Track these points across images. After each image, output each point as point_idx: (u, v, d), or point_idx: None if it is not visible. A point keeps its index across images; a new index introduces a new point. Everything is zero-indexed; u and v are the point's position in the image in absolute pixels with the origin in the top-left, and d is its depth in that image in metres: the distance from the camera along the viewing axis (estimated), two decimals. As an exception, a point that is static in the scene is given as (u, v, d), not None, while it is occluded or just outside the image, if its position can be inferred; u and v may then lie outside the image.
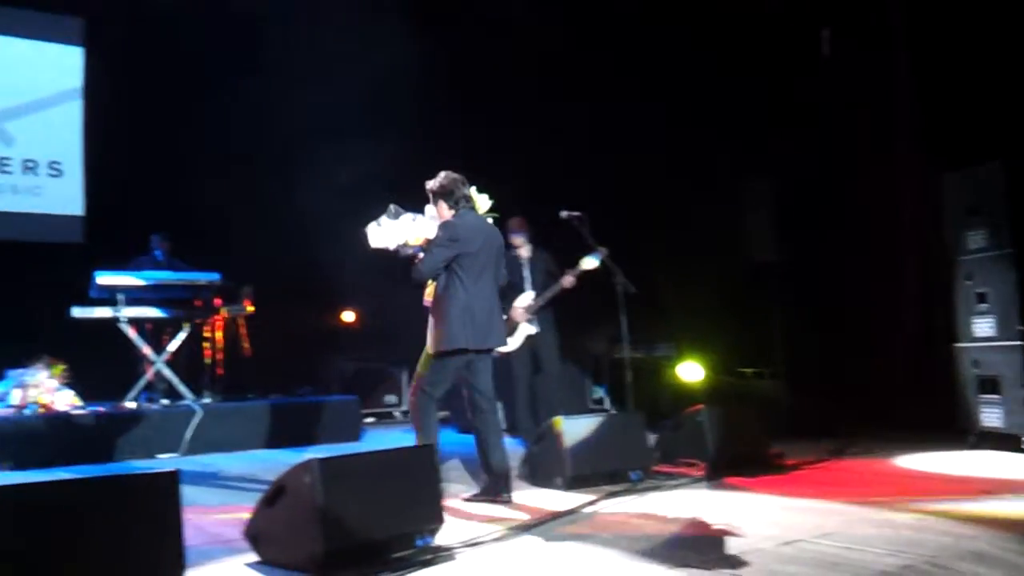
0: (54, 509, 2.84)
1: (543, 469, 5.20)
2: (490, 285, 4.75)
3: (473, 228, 4.73)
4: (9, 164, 9.12)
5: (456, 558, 3.57)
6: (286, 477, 3.51)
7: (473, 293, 4.64)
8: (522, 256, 6.74)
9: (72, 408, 7.11)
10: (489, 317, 4.69)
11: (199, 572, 3.25)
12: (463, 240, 4.64)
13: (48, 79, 9.33)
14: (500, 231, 5.13)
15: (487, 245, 4.76)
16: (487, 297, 4.71)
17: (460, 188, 4.79)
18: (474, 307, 4.63)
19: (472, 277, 4.65)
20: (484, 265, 4.72)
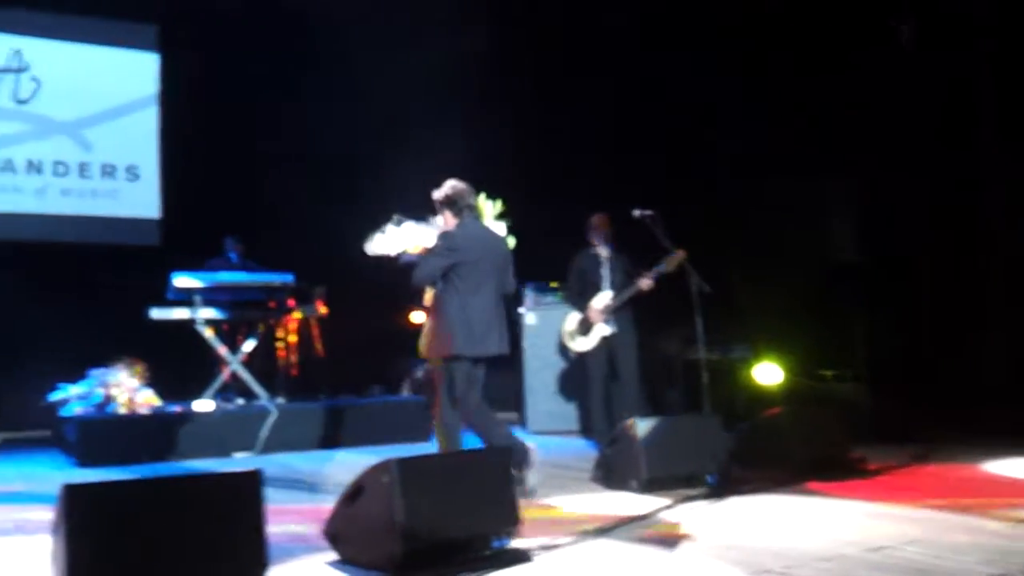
0: (147, 506, 2.89)
1: (618, 472, 5.13)
2: (490, 294, 4.79)
3: (473, 237, 4.81)
4: (89, 169, 9.39)
5: (533, 560, 3.53)
6: (365, 477, 3.52)
7: (470, 302, 4.70)
8: (601, 255, 6.65)
9: (151, 407, 7.28)
10: (487, 325, 4.74)
11: (280, 569, 3.26)
12: (460, 249, 4.72)
13: (125, 85, 9.57)
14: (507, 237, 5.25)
15: (488, 254, 4.82)
16: (486, 306, 4.75)
17: (464, 198, 4.87)
18: (471, 315, 4.69)
19: (470, 286, 4.72)
20: (484, 274, 4.77)
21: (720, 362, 7.55)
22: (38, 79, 9.19)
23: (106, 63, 9.51)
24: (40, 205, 9.06)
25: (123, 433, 6.85)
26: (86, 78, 9.38)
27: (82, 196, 9.31)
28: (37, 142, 9.15)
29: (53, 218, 9.06)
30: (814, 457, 5.37)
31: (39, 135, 9.17)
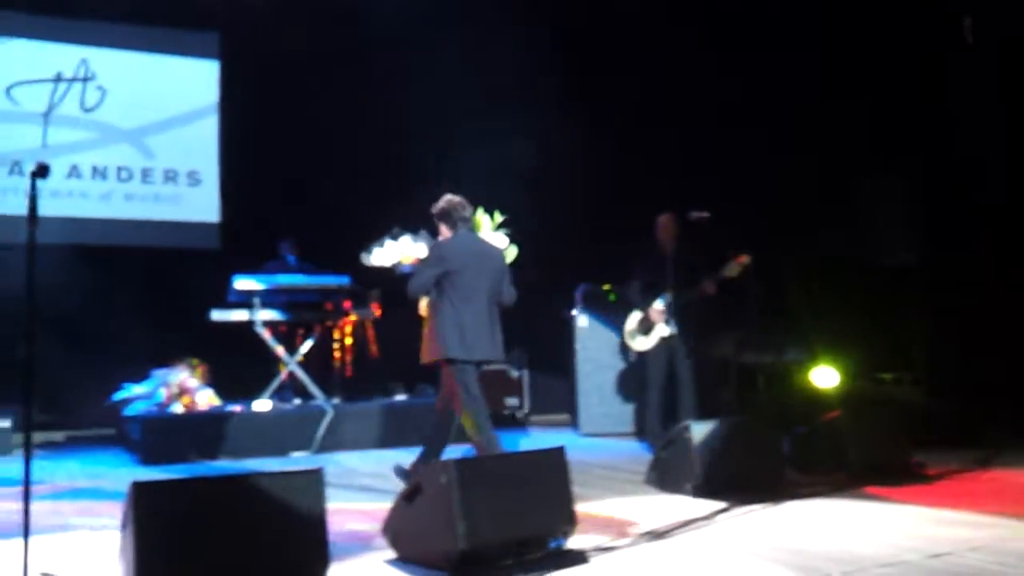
0: (212, 504, 2.97)
1: (672, 475, 5.11)
2: (482, 302, 4.99)
3: (464, 248, 5.05)
4: (151, 174, 9.63)
5: (590, 561, 3.55)
6: (423, 477, 3.57)
7: (462, 309, 4.93)
8: (666, 256, 6.58)
9: (211, 407, 7.44)
10: (479, 332, 4.96)
11: (341, 567, 3.32)
12: (450, 259, 4.96)
13: (186, 94, 9.79)
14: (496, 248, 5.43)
15: (480, 264, 5.03)
16: (478, 313, 4.97)
17: (459, 211, 5.14)
18: (464, 322, 4.93)
19: (461, 294, 4.94)
20: (476, 283, 4.98)
21: (775, 365, 7.48)
22: (103, 88, 9.45)
23: (168, 71, 9.74)
24: (105, 210, 9.32)
25: (184, 432, 7.02)
26: (149, 86, 9.61)
27: (145, 201, 9.55)
28: (102, 149, 9.41)
29: (117, 222, 9.30)
30: (872, 461, 5.30)
31: (104, 142, 9.43)
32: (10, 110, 9.08)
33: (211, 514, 2.97)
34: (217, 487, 3.09)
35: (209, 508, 2.98)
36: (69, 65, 9.35)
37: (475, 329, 4.96)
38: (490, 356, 5.13)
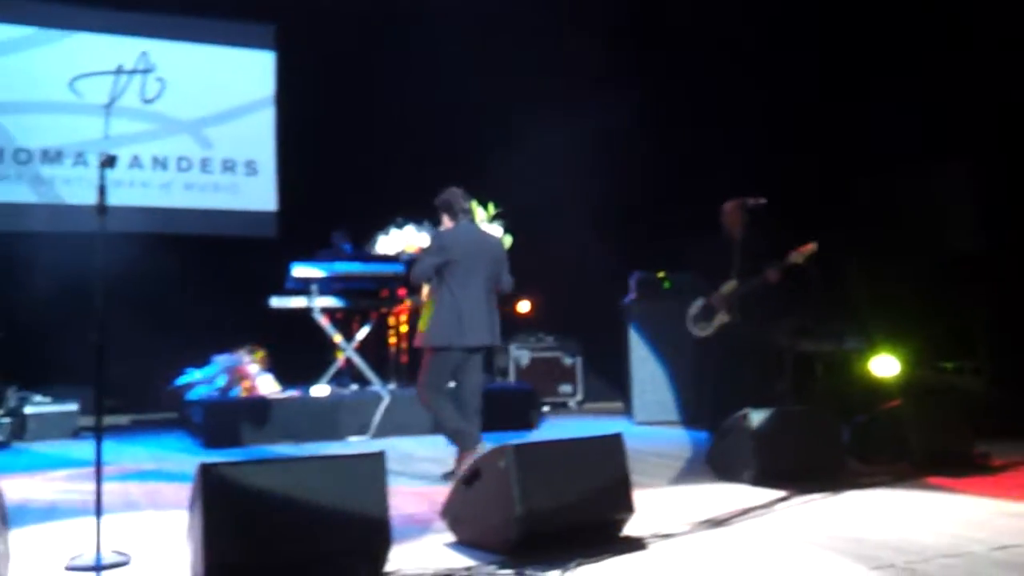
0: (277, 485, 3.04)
1: (729, 464, 5.07)
2: (479, 289, 5.16)
3: (463, 238, 5.25)
4: (210, 164, 9.82)
5: (648, 548, 3.55)
6: (482, 461, 3.60)
7: (460, 296, 5.10)
8: (731, 242, 6.48)
9: (271, 392, 7.58)
10: (475, 318, 5.12)
11: (401, 549, 3.37)
12: (449, 248, 5.15)
13: (243, 85, 9.98)
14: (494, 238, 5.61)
15: (479, 253, 5.21)
16: (475, 299, 5.13)
17: (459, 202, 5.35)
18: (461, 308, 5.09)
19: (459, 281, 5.11)
20: (474, 271, 5.16)
21: (834, 354, 7.37)
22: (163, 79, 9.66)
23: (225, 63, 9.93)
24: (165, 199, 9.54)
25: (245, 416, 7.16)
26: (207, 78, 9.81)
27: (204, 190, 9.76)
28: (162, 140, 9.63)
29: (178, 211, 9.52)
30: (934, 451, 5.21)
31: (164, 133, 9.64)
32: (74, 102, 9.33)
33: (277, 495, 3.04)
34: (283, 469, 3.15)
35: (275, 490, 3.05)
36: (130, 57, 9.57)
37: (472, 315, 5.13)
38: (485, 342, 5.26)
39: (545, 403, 9.18)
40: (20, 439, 7.45)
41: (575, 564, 3.21)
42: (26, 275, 8.24)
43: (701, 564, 3.32)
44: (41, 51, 9.25)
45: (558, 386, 9.69)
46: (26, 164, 9.13)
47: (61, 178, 9.21)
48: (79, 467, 6.12)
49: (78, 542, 3.68)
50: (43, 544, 3.77)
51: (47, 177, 9.16)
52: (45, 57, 9.25)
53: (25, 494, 4.99)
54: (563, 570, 3.14)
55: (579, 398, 9.75)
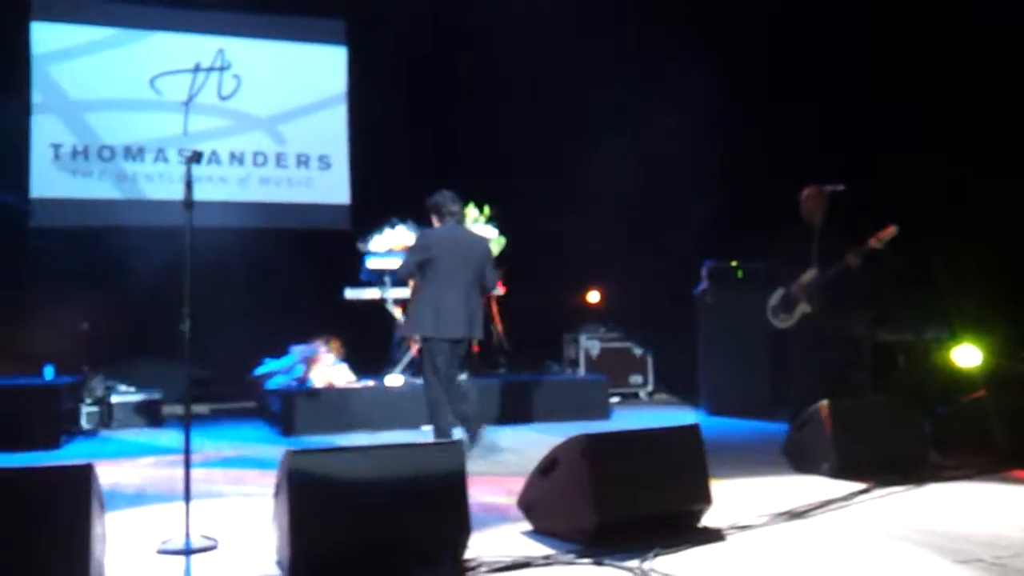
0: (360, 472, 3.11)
1: (807, 455, 5.00)
2: (459, 285, 5.51)
3: (446, 238, 5.61)
4: (285, 159, 10.02)
5: (727, 539, 3.53)
6: (558, 451, 3.62)
7: (439, 291, 5.47)
8: (811, 230, 6.34)
9: (346, 381, 7.72)
10: (454, 312, 5.47)
11: (479, 536, 3.40)
12: (430, 247, 5.54)
13: (316, 81, 10.14)
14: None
15: (459, 252, 5.56)
16: (455, 296, 5.49)
17: (447, 204, 5.69)
18: (440, 302, 5.46)
19: (440, 278, 5.47)
20: (455, 269, 5.51)
21: (915, 343, 7.17)
22: (239, 76, 9.87)
23: (298, 58, 10.09)
24: (242, 193, 9.76)
25: (321, 405, 7.31)
26: (280, 74, 10.00)
27: (279, 184, 9.96)
28: (239, 135, 9.85)
29: (254, 205, 9.72)
30: (1019, 444, 5.05)
31: (240, 129, 9.86)
32: (154, 100, 9.60)
33: (359, 482, 3.10)
34: (365, 457, 3.21)
35: (357, 477, 3.11)
36: (207, 55, 9.80)
37: (450, 310, 5.47)
38: (463, 334, 5.61)
39: (615, 394, 9.16)
40: (107, 427, 7.73)
41: (653, 555, 3.21)
42: (110, 269, 8.53)
43: (780, 556, 3.29)
44: (123, 51, 9.54)
45: (628, 377, 9.65)
46: (109, 161, 9.44)
47: (143, 174, 9.50)
48: (164, 454, 6.33)
49: (167, 526, 3.80)
50: (133, 528, 3.91)
51: (130, 173, 9.46)
52: (127, 57, 9.53)
53: (114, 479, 5.17)
54: (641, 560, 3.14)
55: (649, 389, 9.70)
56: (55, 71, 9.30)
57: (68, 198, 9.21)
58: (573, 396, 8.04)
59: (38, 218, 8.62)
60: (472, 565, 3.15)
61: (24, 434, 6.35)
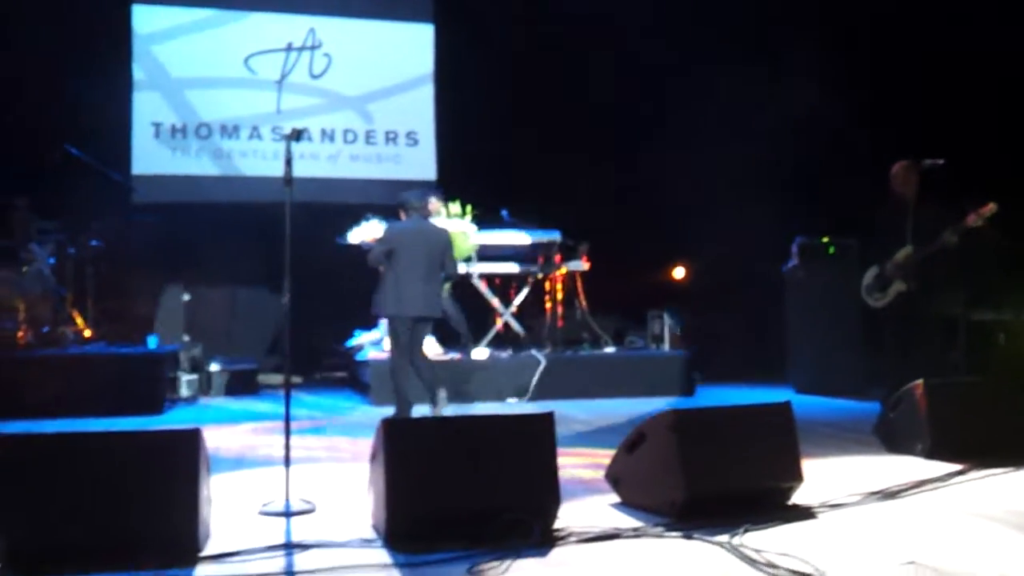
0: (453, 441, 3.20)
1: (901, 435, 4.90)
2: (418, 271, 6.12)
3: (406, 230, 6.26)
4: (374, 136, 10.19)
5: (818, 517, 3.50)
6: (645, 426, 3.64)
7: (401, 276, 6.09)
8: (905, 207, 6.14)
9: (434, 354, 7.84)
10: (413, 295, 6.10)
11: (568, 507, 3.45)
12: (391, 240, 6.16)
13: (404, 56, 10.26)
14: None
15: (419, 243, 6.18)
16: (413, 279, 6.10)
17: (411, 201, 6.40)
18: (401, 286, 6.09)
19: (402, 265, 6.09)
20: (413, 257, 6.12)
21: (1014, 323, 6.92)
22: (329, 55, 10.06)
23: (386, 36, 10.21)
24: (332, 170, 9.97)
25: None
26: (369, 52, 10.15)
27: (368, 161, 10.15)
28: (329, 114, 10.06)
29: (343, 181, 9.93)
30: None
31: (330, 108, 10.07)
32: (249, 79, 9.87)
33: (453, 450, 3.19)
34: (458, 426, 3.30)
35: (452, 445, 3.20)
36: (298, 35, 10.01)
37: (410, 292, 6.11)
38: (421, 313, 6.20)
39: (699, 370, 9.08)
40: (205, 395, 8.06)
41: (743, 530, 3.21)
42: (208, 243, 8.85)
43: (872, 534, 3.25)
44: (219, 31, 9.82)
45: (714, 352, 9.55)
46: (206, 138, 9.75)
47: (238, 151, 9.79)
48: (260, 421, 6.57)
49: (266, 490, 3.96)
50: (235, 491, 4.08)
51: (226, 150, 9.77)
52: (223, 36, 9.82)
53: (215, 444, 5.39)
54: (731, 535, 3.15)
55: (736, 365, 9.58)
56: (156, 51, 9.63)
57: (167, 174, 9.57)
58: (657, 371, 8.03)
59: (140, 194, 8.97)
60: (562, 534, 3.20)
61: (130, 400, 6.67)
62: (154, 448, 3.08)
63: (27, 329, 7.20)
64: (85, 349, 7.51)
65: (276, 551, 3.08)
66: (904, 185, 6.03)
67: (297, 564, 2.96)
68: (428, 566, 2.87)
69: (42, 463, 2.96)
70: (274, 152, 9.71)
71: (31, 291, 7.35)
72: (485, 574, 2.79)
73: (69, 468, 2.95)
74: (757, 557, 2.91)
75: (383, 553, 3.04)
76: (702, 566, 2.87)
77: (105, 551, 2.86)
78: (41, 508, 2.88)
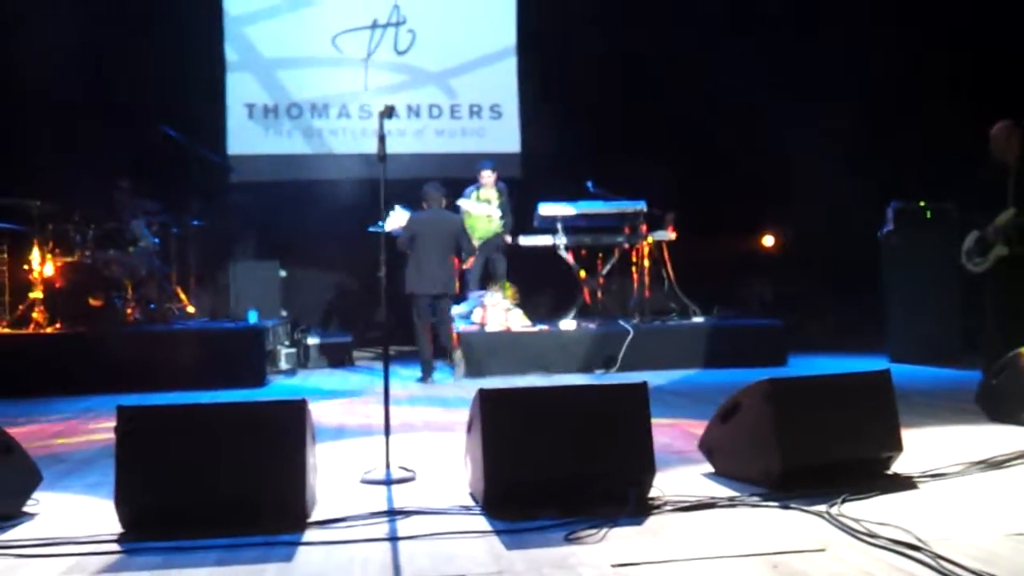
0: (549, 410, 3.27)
1: (1004, 403, 4.75)
2: (436, 254, 7.19)
3: (424, 219, 7.30)
4: (458, 110, 10.28)
5: (919, 487, 3.45)
6: (740, 396, 3.63)
7: (422, 259, 7.16)
8: (1006, 168, 5.91)
9: (522, 325, 7.94)
10: (433, 275, 7.17)
11: (663, 476, 3.48)
12: (413, 227, 7.22)
13: (486, 29, 10.28)
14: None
15: (436, 230, 7.23)
16: (432, 261, 7.17)
17: (430, 193, 7.38)
18: (421, 268, 7.16)
19: (423, 249, 7.16)
20: (432, 242, 7.18)
21: None
22: (413, 31, 10.16)
23: (469, 10, 10.24)
24: (419, 145, 10.11)
25: (498, 348, 7.60)
26: (452, 27, 10.20)
27: (453, 135, 10.25)
28: (414, 90, 10.18)
29: (430, 156, 10.05)
30: None
31: (415, 83, 10.19)
32: (336, 57, 10.05)
33: (549, 419, 3.25)
34: (554, 395, 3.36)
35: (547, 414, 3.26)
36: (383, 12, 10.13)
37: (428, 274, 7.16)
38: (439, 291, 7.24)
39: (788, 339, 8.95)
40: (303, 367, 8.32)
41: (842, 500, 3.19)
42: (302, 220, 9.09)
43: (975, 505, 3.19)
44: (307, 11, 10.02)
45: (806, 321, 9.39)
46: (297, 118, 9.99)
47: (328, 129, 10.01)
48: (357, 393, 6.77)
49: (366, 458, 4.10)
50: (337, 459, 4.23)
51: (316, 129, 9.99)
52: (311, 16, 10.01)
53: (316, 415, 5.57)
54: (829, 505, 3.13)
55: (828, 334, 9.41)
56: (248, 32, 9.88)
57: (261, 154, 9.85)
58: (747, 341, 7.94)
59: (236, 173, 9.26)
60: (657, 503, 3.24)
61: (233, 373, 6.95)
62: (265, 419, 3.23)
63: (135, 306, 7.56)
64: (189, 324, 7.85)
65: (379, 517, 3.20)
66: (1005, 146, 5.82)
67: (400, 530, 3.06)
68: (527, 532, 2.94)
69: (161, 433, 3.14)
70: (362, 130, 9.90)
71: (138, 270, 7.70)
72: (583, 541, 2.85)
73: (187, 438, 3.12)
74: (856, 527, 2.89)
75: (482, 520, 3.12)
76: (800, 535, 2.87)
77: (220, 516, 3.02)
78: (160, 475, 3.05)
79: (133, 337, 7.17)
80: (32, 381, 6.67)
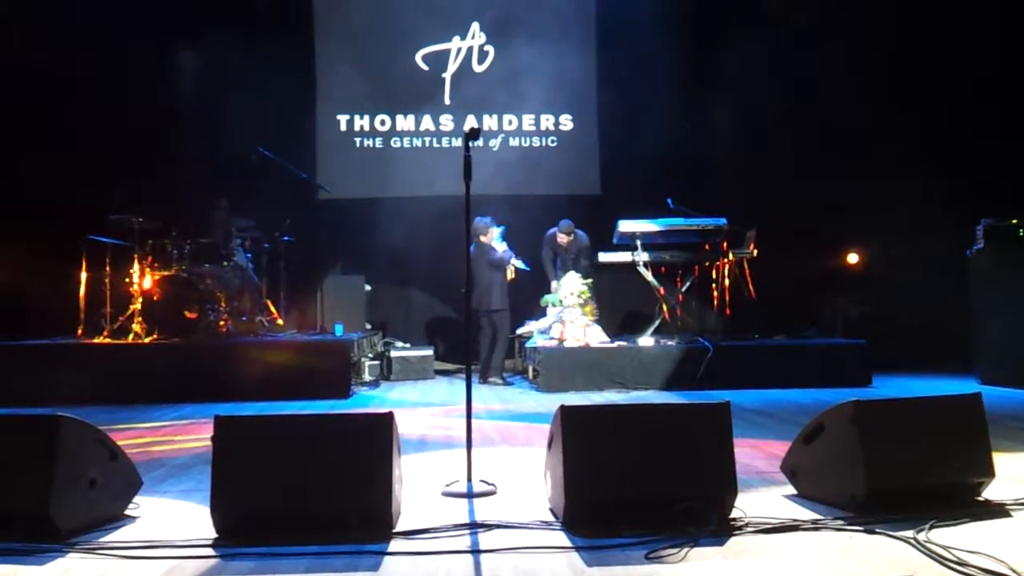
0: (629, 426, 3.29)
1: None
2: (482, 279, 8.15)
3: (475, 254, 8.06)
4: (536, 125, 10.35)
5: (1012, 516, 3.36)
6: (824, 417, 3.59)
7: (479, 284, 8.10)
8: None
9: (600, 342, 7.96)
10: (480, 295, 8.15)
11: (745, 497, 3.45)
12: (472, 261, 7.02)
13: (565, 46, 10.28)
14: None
15: (479, 260, 8.12)
16: (480, 285, 8.10)
17: (478, 229, 8.18)
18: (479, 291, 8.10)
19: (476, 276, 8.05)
20: (479, 270, 8.11)
21: None
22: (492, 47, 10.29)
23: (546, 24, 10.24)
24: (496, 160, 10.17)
25: (577, 363, 7.62)
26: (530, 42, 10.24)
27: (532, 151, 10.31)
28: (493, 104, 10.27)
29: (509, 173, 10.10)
30: None
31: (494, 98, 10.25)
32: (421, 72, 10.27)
33: (631, 437, 3.27)
34: (636, 413, 3.38)
35: (628, 431, 3.28)
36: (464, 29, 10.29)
37: (478, 293, 8.07)
38: (488, 307, 8.17)
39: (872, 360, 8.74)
40: (386, 379, 8.49)
41: (929, 526, 3.13)
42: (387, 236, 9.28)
43: (1074, 536, 3.09)
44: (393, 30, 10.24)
45: (890, 341, 9.15)
46: (384, 135, 10.22)
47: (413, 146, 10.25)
48: (438, 406, 6.87)
49: (448, 471, 4.17)
50: (419, 471, 4.32)
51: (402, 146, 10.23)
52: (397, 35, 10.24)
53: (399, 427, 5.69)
54: (917, 531, 3.07)
55: (913, 354, 9.15)
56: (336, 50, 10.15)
57: (349, 171, 10.09)
58: (830, 361, 7.79)
59: (324, 190, 9.51)
60: (739, 524, 3.22)
61: (319, 384, 7.13)
62: (354, 429, 3.34)
63: (228, 319, 7.83)
64: (278, 337, 8.09)
65: (462, 530, 3.26)
66: None
67: (482, 543, 3.12)
68: (607, 550, 2.97)
69: (256, 442, 3.26)
70: (446, 145, 10.07)
71: (232, 284, 7.98)
72: (664, 560, 2.86)
73: (280, 447, 3.24)
74: (945, 554, 2.84)
75: (562, 536, 3.16)
76: (886, 561, 2.83)
77: (310, 524, 3.13)
78: (254, 483, 3.17)
79: (225, 348, 7.42)
80: (130, 389, 6.97)
